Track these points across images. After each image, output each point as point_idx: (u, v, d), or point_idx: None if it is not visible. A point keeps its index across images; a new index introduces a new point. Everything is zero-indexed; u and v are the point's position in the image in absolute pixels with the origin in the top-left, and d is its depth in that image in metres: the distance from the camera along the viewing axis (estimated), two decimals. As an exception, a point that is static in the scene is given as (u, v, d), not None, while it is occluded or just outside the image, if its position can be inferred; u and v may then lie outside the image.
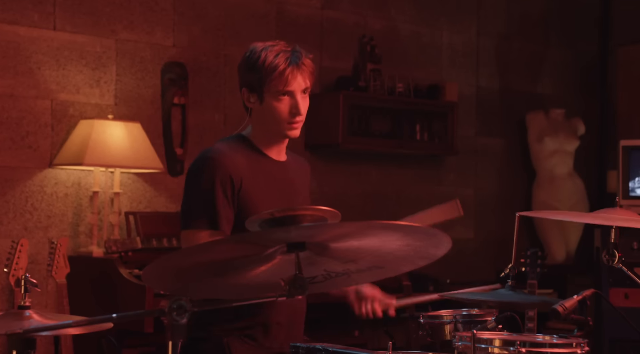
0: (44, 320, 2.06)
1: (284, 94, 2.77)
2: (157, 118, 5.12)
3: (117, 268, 4.49)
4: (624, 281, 5.01)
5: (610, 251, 2.52)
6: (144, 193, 5.06)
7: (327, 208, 2.02)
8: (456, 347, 2.36)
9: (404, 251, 2.04)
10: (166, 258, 1.92)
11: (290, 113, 2.78)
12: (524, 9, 6.75)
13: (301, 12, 5.68)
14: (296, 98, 2.77)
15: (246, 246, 1.98)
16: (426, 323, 2.98)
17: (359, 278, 2.17)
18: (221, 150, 2.77)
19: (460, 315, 2.93)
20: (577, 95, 6.96)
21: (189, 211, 2.72)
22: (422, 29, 6.23)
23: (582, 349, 2.26)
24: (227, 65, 5.36)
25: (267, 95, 2.79)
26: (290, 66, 2.75)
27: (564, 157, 6.50)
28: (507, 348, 2.22)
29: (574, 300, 2.34)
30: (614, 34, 7.04)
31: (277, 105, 2.78)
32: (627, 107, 6.98)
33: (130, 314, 1.84)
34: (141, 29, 5.09)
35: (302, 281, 1.97)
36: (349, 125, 5.52)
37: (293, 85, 2.76)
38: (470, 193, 6.45)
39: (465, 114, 6.31)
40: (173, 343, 1.83)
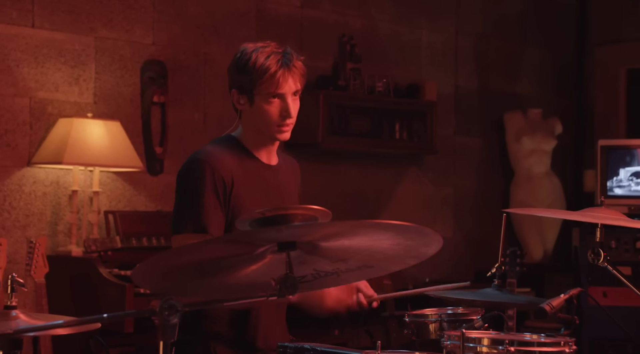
0: (31, 320, 2.04)
1: (275, 96, 2.74)
2: (136, 117, 5.09)
3: (96, 268, 4.46)
4: (603, 280, 5.05)
5: (596, 250, 2.53)
6: (123, 192, 5.03)
7: (318, 208, 2.01)
8: (445, 346, 2.36)
9: (394, 250, 2.04)
10: (157, 258, 1.91)
11: (280, 115, 2.75)
12: (502, 9, 6.78)
13: (281, 10, 5.67)
14: (287, 101, 2.74)
15: (237, 246, 1.97)
16: (411, 321, 2.98)
17: (349, 277, 2.16)
18: (212, 152, 2.74)
19: (446, 314, 2.93)
20: (554, 95, 7.00)
21: (180, 216, 2.69)
22: (402, 28, 6.24)
23: (570, 348, 2.27)
24: (207, 64, 5.34)
25: (258, 97, 2.75)
26: (282, 68, 2.71)
27: (541, 157, 6.54)
28: (495, 347, 2.22)
29: (561, 299, 2.35)
30: (591, 34, 7.09)
31: (268, 108, 2.75)
32: (603, 107, 7.03)
33: (121, 314, 1.82)
34: (120, 26, 5.06)
35: (293, 280, 1.96)
36: (329, 125, 5.52)
37: (284, 87, 2.73)
38: (449, 193, 6.47)
39: (444, 113, 6.32)
40: (164, 343, 1.82)
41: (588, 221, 2.56)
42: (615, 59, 7.00)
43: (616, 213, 2.62)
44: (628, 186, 5.45)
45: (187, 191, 2.72)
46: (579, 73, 7.10)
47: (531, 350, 2.22)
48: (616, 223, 2.57)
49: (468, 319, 2.91)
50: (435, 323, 2.92)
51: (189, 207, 2.70)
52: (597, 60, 7.06)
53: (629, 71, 7.05)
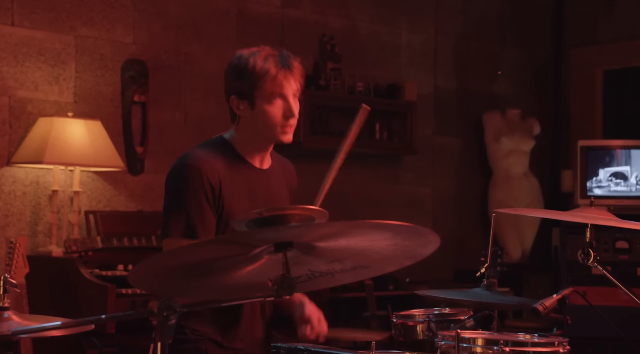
0: (23, 321, 2.02)
1: (277, 97, 2.72)
2: (117, 117, 5.06)
3: (77, 268, 4.43)
4: (583, 280, 5.08)
5: (586, 251, 2.54)
6: (103, 192, 5.00)
7: (315, 208, 2.00)
8: (439, 346, 2.36)
9: (390, 250, 2.03)
10: (153, 259, 1.90)
11: (284, 116, 2.73)
12: (481, 9, 6.81)
13: (262, 10, 5.66)
14: (289, 101, 2.73)
15: (233, 246, 1.96)
16: (399, 322, 2.98)
17: (343, 278, 2.16)
18: (200, 156, 2.71)
19: (433, 314, 2.93)
20: (532, 95, 7.05)
21: (170, 220, 2.68)
22: (382, 28, 6.25)
23: (564, 348, 2.28)
24: (187, 63, 5.32)
25: (260, 100, 2.72)
26: (282, 69, 2.70)
27: (520, 157, 6.57)
28: (490, 347, 2.23)
29: (554, 299, 2.36)
30: (568, 35, 7.14)
31: (271, 109, 2.72)
32: (580, 108, 7.08)
33: (121, 315, 1.81)
34: (101, 25, 5.03)
35: (290, 281, 1.95)
36: (310, 124, 5.51)
37: (286, 87, 2.71)
38: (428, 192, 6.49)
39: (423, 114, 6.34)
40: (162, 344, 1.81)
41: (579, 221, 2.57)
42: (592, 60, 7.05)
43: (606, 213, 2.64)
44: (607, 186, 5.48)
45: (176, 196, 2.70)
46: (556, 74, 7.15)
47: (526, 350, 2.22)
48: (607, 223, 2.58)
49: (456, 319, 2.92)
50: (423, 323, 2.92)
51: (177, 211, 2.68)
52: (574, 62, 7.11)
53: (605, 72, 7.11)
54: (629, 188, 5.50)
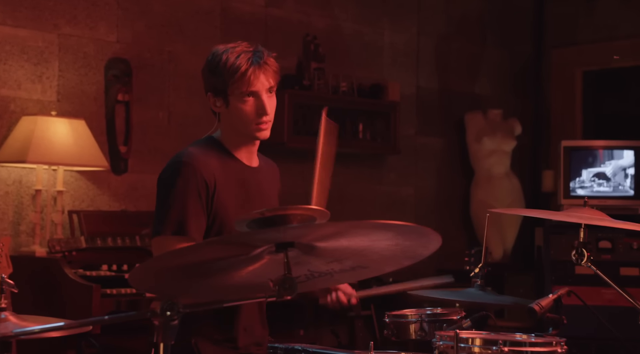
0: (21, 322, 2.01)
1: (249, 95, 2.72)
2: (100, 116, 5.03)
3: (61, 268, 4.39)
4: (566, 280, 5.11)
5: (579, 251, 2.55)
6: (86, 191, 4.97)
7: (316, 208, 2.00)
8: (437, 346, 2.36)
9: (391, 251, 2.04)
10: (154, 259, 1.90)
11: (256, 113, 2.73)
12: (463, 10, 6.83)
13: (246, 9, 5.65)
14: (261, 98, 2.72)
15: (234, 247, 1.95)
16: (391, 322, 2.99)
17: (342, 278, 2.16)
18: (194, 154, 2.71)
19: (426, 314, 2.94)
20: (513, 96, 7.07)
21: (161, 218, 2.66)
22: (365, 28, 6.25)
23: (562, 348, 2.29)
24: (171, 62, 5.29)
25: (232, 98, 2.74)
26: (252, 66, 2.69)
27: (501, 157, 6.59)
28: (489, 347, 2.23)
29: (550, 299, 2.37)
30: (548, 36, 7.17)
31: (243, 107, 2.73)
32: (560, 108, 7.12)
33: (122, 315, 1.79)
34: (84, 24, 4.99)
35: (291, 281, 1.95)
36: (293, 124, 5.51)
37: (257, 85, 2.71)
38: (410, 192, 6.50)
39: (406, 114, 6.34)
40: (164, 345, 1.80)
41: (574, 221, 2.58)
42: (572, 60, 7.09)
43: (600, 213, 2.65)
44: (590, 187, 5.52)
45: (169, 194, 2.69)
46: (536, 74, 7.18)
47: (524, 350, 2.23)
48: (601, 223, 2.59)
49: (448, 319, 2.93)
50: (416, 323, 2.92)
51: (170, 209, 2.67)
52: (554, 62, 7.15)
53: (585, 73, 7.15)
54: (611, 189, 5.54)
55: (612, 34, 6.87)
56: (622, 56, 6.90)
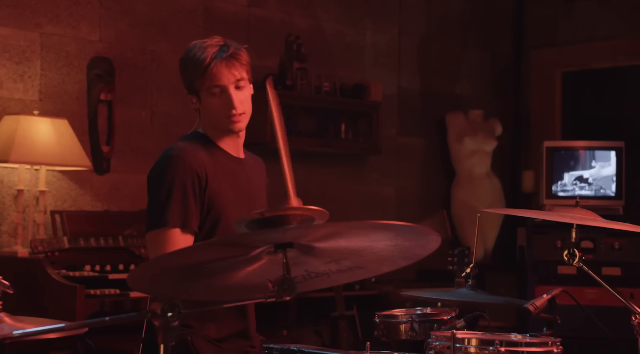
0: (16, 323, 1.99)
1: (216, 89, 2.72)
2: (82, 115, 4.99)
3: (44, 269, 4.36)
4: (549, 279, 5.14)
5: (571, 251, 2.56)
6: (69, 191, 4.93)
7: (315, 208, 2.00)
8: (433, 347, 2.36)
9: (389, 251, 2.03)
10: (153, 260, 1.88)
11: (225, 107, 2.74)
12: (444, 10, 6.84)
13: (228, 9, 5.63)
14: (229, 92, 2.72)
15: (233, 248, 1.94)
16: (381, 322, 2.99)
17: (338, 278, 2.15)
18: (184, 148, 2.72)
19: (416, 314, 2.94)
20: (494, 96, 7.10)
21: (156, 211, 2.65)
22: (347, 28, 6.25)
23: (558, 348, 2.30)
24: (154, 62, 5.27)
25: (202, 94, 2.75)
26: (215, 60, 2.69)
27: (482, 157, 6.61)
28: (486, 348, 2.23)
29: (544, 299, 2.38)
30: (528, 37, 7.21)
31: (212, 102, 2.74)
32: (539, 109, 7.16)
33: (123, 316, 1.78)
34: (67, 22, 4.96)
35: (290, 282, 1.94)
36: (276, 124, 5.48)
37: (222, 79, 2.71)
38: (392, 193, 6.50)
39: (387, 114, 6.35)
40: (165, 346, 1.79)
41: (566, 221, 2.59)
42: (551, 61, 7.13)
43: (592, 213, 2.67)
44: (572, 190, 5.55)
45: (162, 187, 2.68)
46: (517, 75, 7.21)
47: (521, 350, 2.23)
48: (593, 223, 2.61)
49: (438, 319, 2.93)
50: (406, 323, 2.93)
51: (165, 202, 2.67)
52: (534, 63, 7.18)
53: (564, 74, 7.19)
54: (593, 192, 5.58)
55: (591, 35, 6.91)
56: (601, 57, 6.95)
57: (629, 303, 2.44)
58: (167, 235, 2.61)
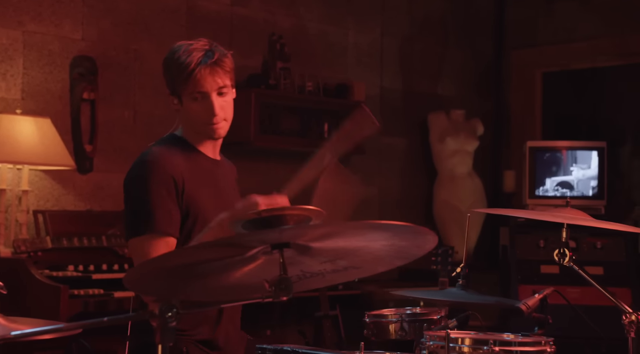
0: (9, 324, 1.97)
1: (199, 95, 2.71)
2: (65, 114, 4.96)
3: (28, 269, 4.33)
4: (532, 279, 5.16)
5: (562, 250, 2.57)
6: (51, 191, 4.90)
7: (312, 208, 2.00)
8: (427, 347, 2.36)
9: (385, 251, 2.04)
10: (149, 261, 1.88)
11: (206, 114, 2.73)
12: (426, 11, 6.86)
13: (212, 8, 5.61)
14: (210, 99, 2.71)
15: (229, 248, 1.93)
16: (371, 322, 2.99)
17: (333, 278, 2.16)
18: (159, 153, 2.70)
19: (406, 314, 2.94)
20: (475, 96, 7.12)
21: (136, 219, 2.64)
22: (330, 28, 6.25)
23: (551, 348, 2.31)
24: (137, 60, 5.24)
25: (184, 97, 2.74)
26: (199, 66, 2.68)
27: (464, 157, 6.63)
28: (480, 347, 2.24)
29: (536, 299, 2.39)
30: (508, 37, 7.24)
31: (193, 107, 2.73)
32: (520, 109, 7.19)
33: (121, 317, 1.77)
34: (49, 21, 4.92)
35: (287, 282, 1.94)
36: (260, 123, 5.49)
37: (204, 85, 2.69)
38: (375, 193, 6.51)
39: (370, 114, 6.34)
40: (163, 347, 1.78)
41: (558, 221, 2.60)
42: (532, 62, 7.16)
43: (582, 213, 2.68)
44: (554, 196, 5.58)
45: (140, 195, 2.67)
46: (497, 76, 7.24)
47: (515, 350, 2.24)
48: (584, 223, 2.62)
49: (428, 319, 2.94)
50: (396, 323, 2.93)
51: (143, 210, 2.65)
52: (514, 63, 7.21)
53: (544, 74, 7.22)
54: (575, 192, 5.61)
55: (571, 36, 6.95)
56: (581, 58, 6.99)
57: (620, 303, 2.45)
58: (150, 241, 2.59)
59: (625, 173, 6.93)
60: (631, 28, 6.63)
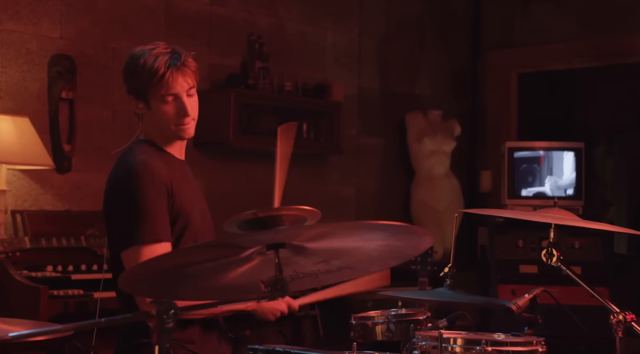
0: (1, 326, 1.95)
1: (170, 97, 2.76)
2: (43, 113, 4.92)
3: (7, 269, 4.29)
4: (511, 278, 5.19)
5: (550, 251, 2.58)
6: (29, 190, 4.86)
7: (308, 208, 2.00)
8: (419, 347, 2.37)
9: (380, 251, 2.04)
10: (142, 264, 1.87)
11: (178, 115, 2.78)
12: (403, 11, 6.87)
13: (190, 7, 5.59)
14: (182, 100, 2.77)
15: (225, 249, 1.93)
16: (357, 323, 2.98)
17: (326, 279, 2.15)
18: (148, 162, 2.73)
19: (392, 315, 2.94)
20: (452, 97, 7.14)
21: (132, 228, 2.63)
22: (308, 28, 6.24)
23: (542, 348, 2.32)
24: (115, 59, 5.21)
25: (153, 100, 2.78)
26: (170, 69, 2.73)
27: (441, 157, 6.65)
28: (472, 347, 2.25)
29: (526, 299, 2.40)
30: (484, 38, 7.27)
31: (164, 109, 2.77)
32: (496, 110, 7.22)
33: (119, 318, 1.76)
34: (27, 19, 4.88)
35: (283, 283, 1.93)
36: (239, 123, 5.47)
37: (176, 87, 2.75)
38: (352, 192, 6.52)
39: (348, 114, 6.36)
40: (160, 347, 1.77)
41: (547, 221, 2.61)
42: (507, 63, 7.20)
43: (570, 213, 2.69)
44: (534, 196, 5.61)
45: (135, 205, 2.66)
46: (474, 76, 7.27)
47: (507, 350, 2.25)
48: (572, 223, 2.64)
49: (415, 319, 2.94)
50: (383, 324, 2.93)
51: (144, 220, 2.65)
52: (490, 64, 7.25)
53: (520, 75, 7.26)
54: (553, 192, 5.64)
55: (546, 37, 6.99)
56: (556, 59, 7.04)
57: (607, 303, 2.47)
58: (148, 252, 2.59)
59: (600, 173, 6.99)
60: (606, 30, 6.68)
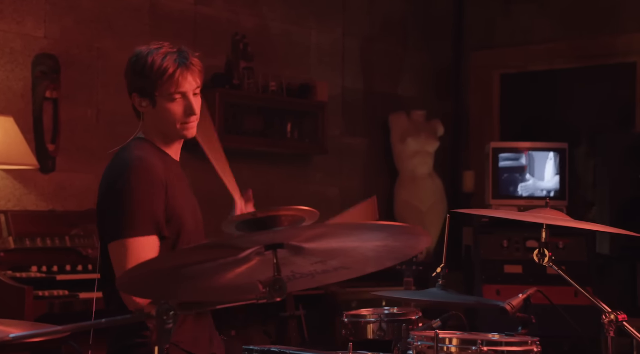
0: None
1: (177, 95, 2.76)
2: (27, 113, 4.88)
3: (-10, 270, 4.26)
4: (496, 278, 5.20)
5: (541, 251, 2.59)
6: (12, 190, 4.82)
7: (306, 208, 2.00)
8: (415, 347, 2.37)
9: (377, 252, 2.04)
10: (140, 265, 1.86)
11: (184, 113, 2.78)
12: (386, 11, 6.88)
13: (175, 6, 5.57)
14: (189, 98, 2.77)
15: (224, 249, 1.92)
16: (349, 322, 2.99)
17: (322, 279, 2.15)
18: (145, 158, 2.72)
19: (384, 314, 2.95)
20: (436, 97, 7.16)
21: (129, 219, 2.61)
22: (292, 27, 6.24)
23: (537, 347, 2.32)
24: (100, 59, 5.18)
25: (160, 98, 2.76)
26: (180, 67, 2.74)
27: (425, 158, 6.66)
28: (468, 347, 2.25)
29: (520, 299, 2.40)
30: (467, 39, 7.29)
31: (171, 107, 2.76)
32: (478, 110, 7.25)
33: (119, 318, 1.75)
34: (11, 18, 4.85)
35: (281, 283, 1.93)
36: (224, 123, 5.46)
37: (184, 86, 2.76)
38: (336, 192, 6.52)
39: (331, 114, 6.36)
40: (159, 348, 1.76)
41: (539, 221, 2.62)
42: (490, 63, 7.22)
43: (561, 214, 2.70)
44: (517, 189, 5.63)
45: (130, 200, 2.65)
46: (456, 77, 7.28)
47: (502, 349, 2.25)
48: (563, 223, 2.65)
49: (406, 319, 2.94)
50: (375, 323, 2.93)
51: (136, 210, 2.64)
52: (472, 65, 7.27)
53: (502, 76, 7.29)
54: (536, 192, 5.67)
55: (529, 38, 7.02)
56: (538, 60, 7.07)
57: (599, 302, 2.48)
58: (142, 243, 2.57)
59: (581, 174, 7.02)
60: (588, 30, 6.72)
